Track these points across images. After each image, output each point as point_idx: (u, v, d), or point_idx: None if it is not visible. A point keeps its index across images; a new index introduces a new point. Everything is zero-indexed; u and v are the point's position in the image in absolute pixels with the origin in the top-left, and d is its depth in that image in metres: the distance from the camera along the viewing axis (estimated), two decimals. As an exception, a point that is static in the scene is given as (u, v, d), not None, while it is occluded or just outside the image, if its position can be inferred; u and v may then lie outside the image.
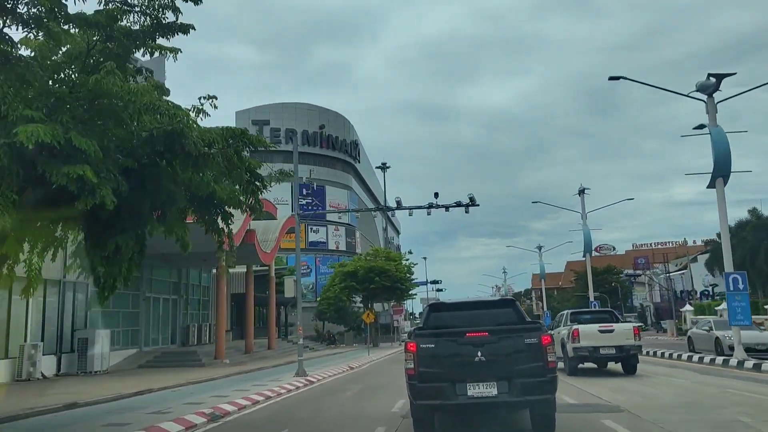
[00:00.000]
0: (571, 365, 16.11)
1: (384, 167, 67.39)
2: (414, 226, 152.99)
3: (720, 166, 17.15)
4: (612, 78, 18.52)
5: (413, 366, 7.08)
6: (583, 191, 36.24)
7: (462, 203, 20.23)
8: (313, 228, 64.28)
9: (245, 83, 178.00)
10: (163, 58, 8.57)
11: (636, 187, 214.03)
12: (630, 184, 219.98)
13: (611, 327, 15.97)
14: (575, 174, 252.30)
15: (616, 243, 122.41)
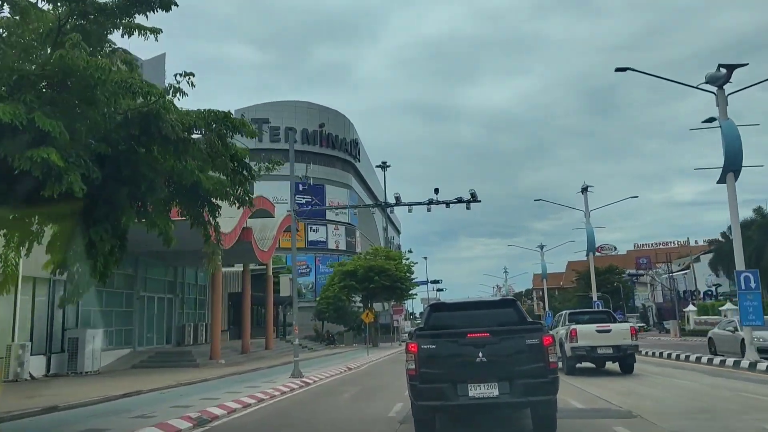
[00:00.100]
0: (569, 365, 16.22)
1: (384, 166, 66.84)
2: (414, 225, 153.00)
3: (731, 160, 16.49)
4: (618, 69, 17.89)
5: (414, 366, 7.03)
6: (586, 189, 35.62)
7: (463, 199, 19.62)
8: (313, 227, 63.72)
9: (245, 83, 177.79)
10: (163, 57, 8.01)
11: (636, 188, 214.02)
12: (630, 184, 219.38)
13: (608, 327, 16.11)
14: (576, 174, 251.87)
15: (616, 243, 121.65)
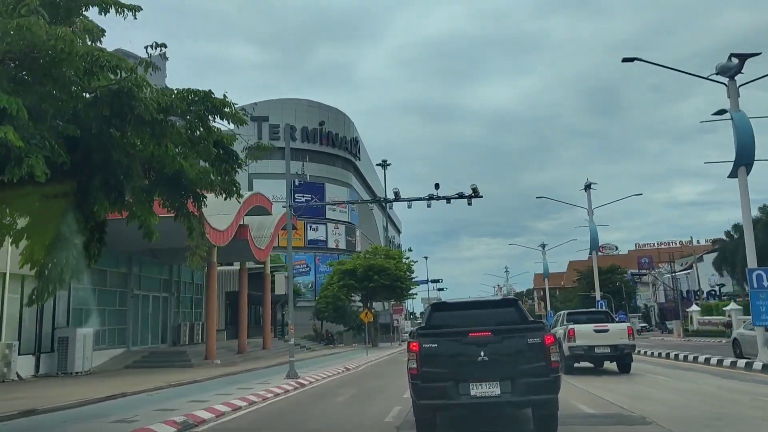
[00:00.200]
0: (567, 364, 16.31)
1: (384, 165, 66.20)
2: (415, 225, 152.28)
3: (743, 154, 15.82)
4: (626, 59, 17.20)
5: (416, 365, 6.97)
6: (590, 186, 34.96)
7: (464, 194, 18.99)
8: (313, 226, 63.05)
9: (246, 83, 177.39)
10: (163, 55, 7.38)
11: (638, 188, 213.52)
12: (632, 184, 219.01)
13: (606, 327, 16.38)
14: (578, 174, 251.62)
15: (617, 243, 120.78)
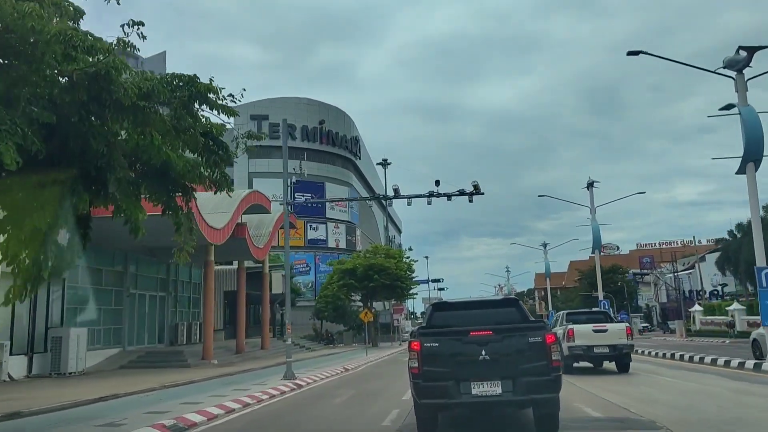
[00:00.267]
0: (566, 364, 16.04)
1: (385, 163, 65.76)
2: (416, 225, 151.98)
3: (751, 149, 15.42)
4: (631, 53, 16.85)
5: (417, 365, 6.96)
6: (592, 184, 34.54)
7: (466, 191, 18.58)
8: (313, 225, 62.65)
9: (247, 82, 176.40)
10: (164, 55, 6.97)
11: (638, 188, 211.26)
12: (632, 184, 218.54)
13: (605, 327, 16.53)
14: (578, 174, 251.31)
15: (618, 243, 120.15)
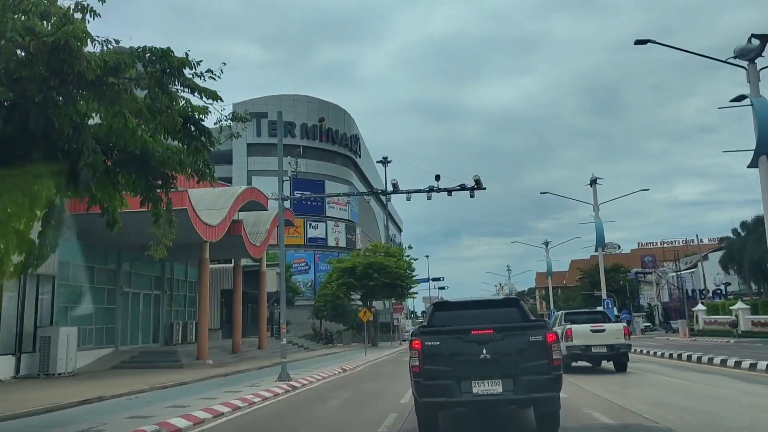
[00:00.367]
0: (565, 363, 15.76)
1: (385, 162, 65.11)
2: (416, 225, 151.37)
3: (764, 141, 14.83)
4: (638, 42, 16.24)
5: (418, 363, 6.94)
6: (595, 181, 33.97)
7: (467, 186, 18.00)
8: (312, 224, 62.06)
9: (248, 81, 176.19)
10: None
11: (640, 187, 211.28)
12: (633, 184, 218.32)
13: (602, 327, 16.62)
14: (578, 174, 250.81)
15: (620, 243, 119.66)
